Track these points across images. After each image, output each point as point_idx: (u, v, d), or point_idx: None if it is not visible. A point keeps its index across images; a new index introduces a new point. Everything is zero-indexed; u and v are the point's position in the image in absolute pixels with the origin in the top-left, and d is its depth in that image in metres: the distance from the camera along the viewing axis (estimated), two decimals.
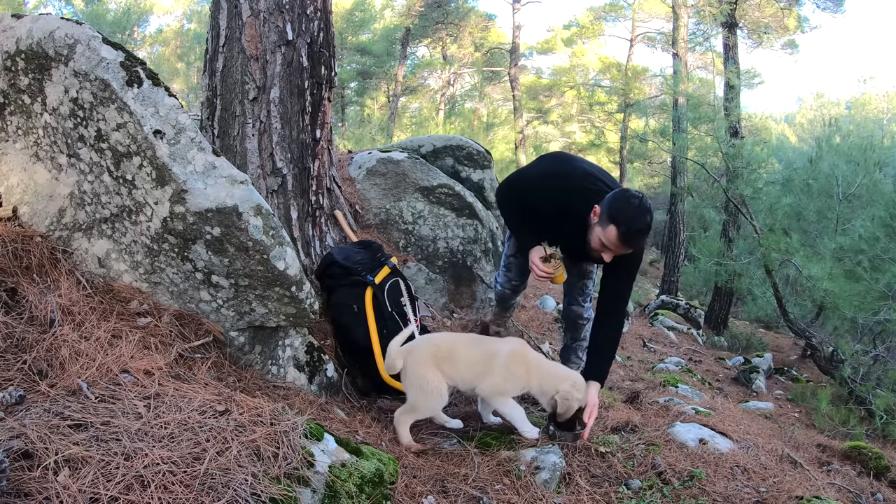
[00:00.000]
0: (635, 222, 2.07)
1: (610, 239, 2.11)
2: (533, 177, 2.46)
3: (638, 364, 4.92)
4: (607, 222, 2.10)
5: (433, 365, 2.12)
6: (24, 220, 2.16)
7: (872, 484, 2.54)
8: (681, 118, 9.87)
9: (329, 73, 2.96)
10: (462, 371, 2.16)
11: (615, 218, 2.08)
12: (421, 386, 2.12)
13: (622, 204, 2.10)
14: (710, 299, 9.60)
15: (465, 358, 2.18)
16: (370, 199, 3.87)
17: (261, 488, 1.27)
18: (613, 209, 2.10)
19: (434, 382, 2.11)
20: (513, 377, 2.16)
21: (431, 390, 2.11)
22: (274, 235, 2.01)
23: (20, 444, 1.19)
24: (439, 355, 2.15)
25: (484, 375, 2.15)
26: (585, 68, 19.09)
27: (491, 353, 2.19)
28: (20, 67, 2.04)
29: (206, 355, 2.00)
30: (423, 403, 2.13)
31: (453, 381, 2.17)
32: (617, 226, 2.08)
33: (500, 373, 2.15)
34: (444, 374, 2.14)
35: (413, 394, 2.15)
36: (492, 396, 2.20)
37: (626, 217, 2.06)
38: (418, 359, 2.14)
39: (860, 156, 7.38)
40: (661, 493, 1.97)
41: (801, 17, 11.73)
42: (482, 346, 2.26)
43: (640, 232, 2.09)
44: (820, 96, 24.13)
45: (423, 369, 2.12)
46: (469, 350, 2.22)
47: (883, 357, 5.05)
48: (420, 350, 2.17)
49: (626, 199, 2.11)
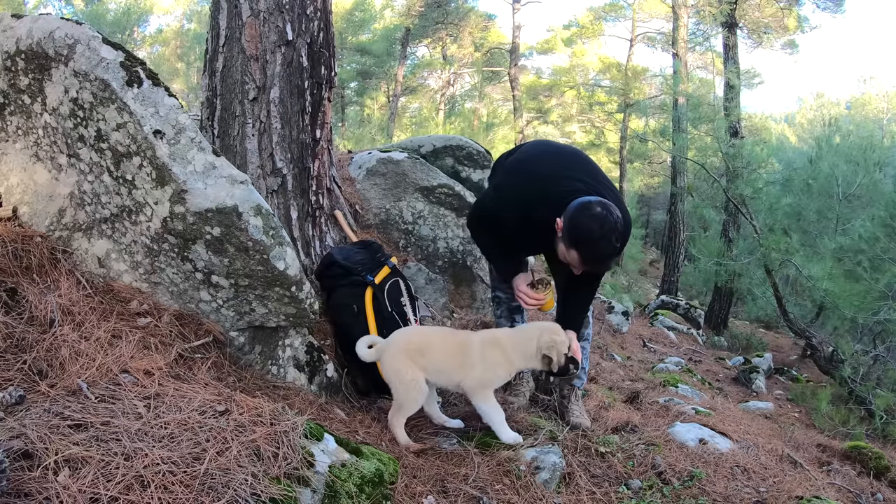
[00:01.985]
0: (599, 249, 1.90)
1: (574, 262, 1.99)
2: (493, 192, 2.34)
3: (638, 364, 4.92)
4: (569, 245, 1.94)
5: (406, 357, 2.14)
6: (24, 220, 2.16)
7: (872, 484, 2.55)
8: (681, 118, 9.88)
9: (329, 73, 2.96)
10: (437, 362, 2.16)
11: (577, 243, 1.91)
12: (399, 379, 2.13)
13: (583, 226, 1.90)
14: (710, 299, 9.61)
15: (439, 349, 2.19)
16: (370, 199, 3.87)
17: (261, 488, 1.27)
18: (574, 232, 1.91)
19: (409, 374, 2.11)
20: (493, 364, 2.16)
21: (408, 382, 2.11)
22: (274, 235, 2.01)
23: (20, 444, 1.19)
24: (411, 348, 2.16)
25: (462, 368, 2.16)
26: (585, 68, 19.09)
27: (464, 344, 2.19)
28: (20, 67, 2.04)
29: (206, 355, 2.00)
30: (405, 397, 2.13)
31: (428, 372, 2.17)
32: (579, 252, 1.92)
33: (479, 365, 2.15)
34: (419, 367, 2.14)
35: (394, 390, 2.17)
36: (476, 391, 2.18)
37: (589, 245, 1.90)
38: (391, 352, 2.17)
39: (860, 156, 7.39)
40: (661, 493, 1.97)
41: (801, 17, 11.73)
42: (455, 336, 2.28)
43: (606, 257, 1.94)
44: (820, 96, 24.13)
45: (396, 363, 2.14)
46: (442, 341, 2.23)
47: (883, 357, 5.05)
48: (393, 344, 2.19)
49: (587, 219, 1.89)
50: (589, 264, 1.98)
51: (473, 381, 2.16)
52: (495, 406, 2.19)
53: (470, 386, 2.17)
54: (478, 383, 2.17)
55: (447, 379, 2.21)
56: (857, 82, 36.48)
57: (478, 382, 2.17)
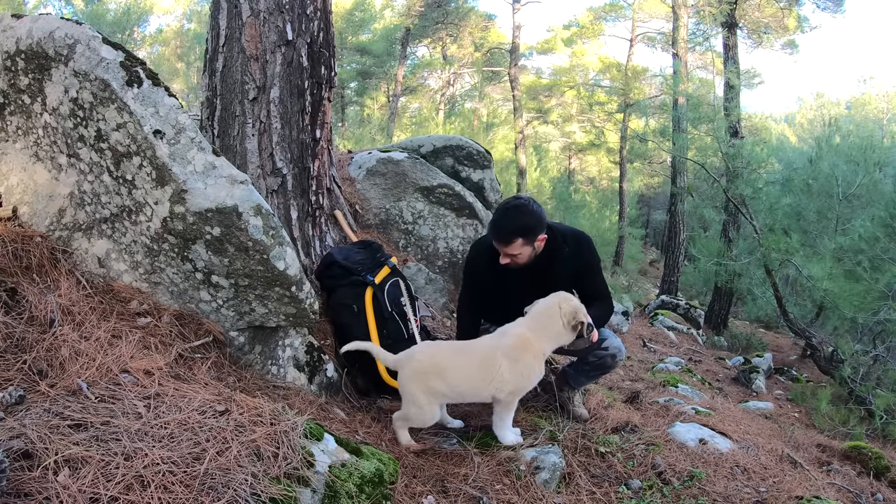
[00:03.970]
0: (502, 217, 2.24)
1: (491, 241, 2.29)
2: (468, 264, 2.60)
3: (638, 364, 4.92)
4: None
5: (423, 383, 2.05)
6: (24, 220, 2.15)
7: (872, 484, 2.55)
8: (681, 118, 9.87)
9: (329, 73, 2.96)
10: (458, 384, 2.08)
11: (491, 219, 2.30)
12: (413, 401, 2.07)
13: (499, 205, 2.32)
14: (710, 299, 9.60)
15: (461, 371, 2.09)
16: (370, 199, 3.87)
17: (261, 488, 1.27)
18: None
19: (423, 400, 2.06)
20: (527, 369, 2.08)
21: (422, 406, 2.06)
22: (274, 235, 2.01)
23: (20, 444, 1.19)
24: (428, 372, 2.06)
25: (492, 382, 2.06)
26: (585, 68, 19.08)
27: (488, 358, 2.08)
28: (20, 67, 2.04)
29: (206, 355, 2.00)
30: (416, 417, 2.10)
31: (449, 396, 2.11)
32: (490, 226, 2.30)
33: (510, 374, 2.06)
34: (437, 394, 2.06)
35: (405, 405, 2.11)
36: (510, 401, 2.12)
37: (495, 216, 2.28)
38: (407, 374, 2.09)
39: (860, 156, 7.39)
40: (661, 493, 1.97)
41: (801, 17, 11.73)
42: (473, 352, 2.15)
43: (503, 228, 2.22)
44: (820, 96, 24.14)
45: (412, 387, 2.07)
46: (463, 362, 2.11)
47: (883, 357, 5.05)
48: (409, 367, 2.09)
49: (502, 202, 2.32)
50: (494, 237, 2.28)
51: (506, 393, 2.09)
52: (513, 409, 2.16)
53: (504, 398, 2.11)
54: (511, 394, 2.11)
55: (474, 397, 2.15)
56: (857, 82, 36.53)
57: (511, 393, 2.11)
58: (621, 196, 16.78)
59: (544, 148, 20.22)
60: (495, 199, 4.36)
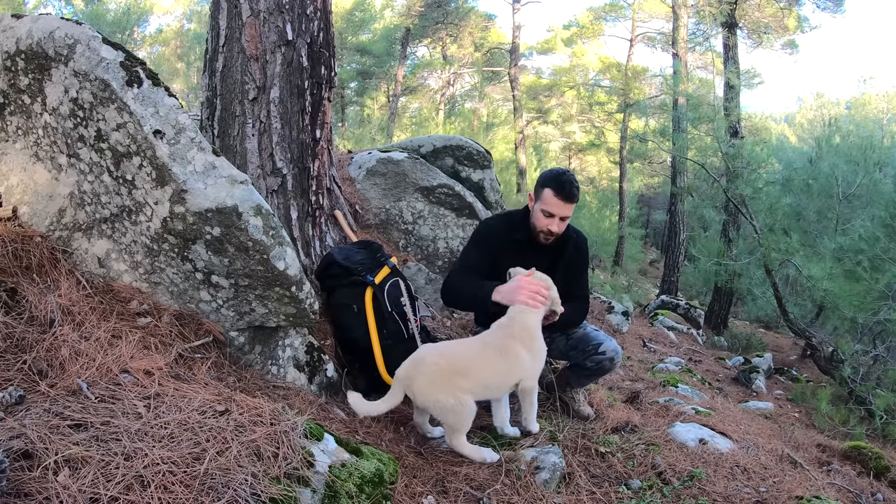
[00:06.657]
0: (562, 178, 2.33)
1: (548, 201, 2.32)
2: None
3: (638, 364, 4.92)
4: (540, 190, 2.36)
5: (442, 383, 1.97)
6: (24, 220, 2.16)
7: (872, 484, 2.54)
8: (681, 118, 9.88)
9: (329, 73, 2.96)
10: (484, 379, 2.03)
11: (544, 182, 2.35)
12: (441, 408, 1.98)
13: (546, 172, 2.42)
14: (710, 299, 9.60)
15: (483, 365, 2.04)
16: (370, 199, 3.87)
17: (261, 488, 1.27)
18: (540, 179, 2.40)
19: (451, 399, 1.96)
20: (538, 351, 2.14)
21: (452, 406, 1.96)
22: (274, 235, 2.01)
23: (20, 444, 1.19)
24: (444, 372, 1.98)
25: (518, 371, 2.09)
26: (585, 68, 19.08)
27: (505, 348, 2.07)
28: (20, 67, 2.04)
29: (206, 355, 2.00)
30: (455, 421, 1.99)
31: (474, 393, 2.01)
32: (548, 185, 2.33)
33: (528, 359, 2.10)
34: (461, 389, 1.97)
35: (440, 418, 2.03)
36: (534, 386, 2.17)
37: (553, 175, 2.35)
38: (422, 382, 1.98)
39: (860, 156, 7.39)
40: (661, 493, 1.97)
41: (801, 17, 11.73)
42: (487, 345, 2.11)
43: (569, 182, 2.32)
44: (820, 96, 24.11)
45: (433, 393, 1.97)
46: (481, 357, 2.07)
47: (883, 357, 5.05)
48: (420, 374, 1.99)
49: (548, 170, 2.44)
50: (558, 191, 2.32)
51: (531, 378, 2.14)
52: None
53: (528, 384, 2.14)
54: (534, 379, 2.16)
55: (501, 390, 2.14)
56: (857, 82, 36.48)
57: (533, 378, 2.15)
58: (621, 196, 16.78)
59: (544, 148, 20.23)
60: (495, 199, 4.36)
